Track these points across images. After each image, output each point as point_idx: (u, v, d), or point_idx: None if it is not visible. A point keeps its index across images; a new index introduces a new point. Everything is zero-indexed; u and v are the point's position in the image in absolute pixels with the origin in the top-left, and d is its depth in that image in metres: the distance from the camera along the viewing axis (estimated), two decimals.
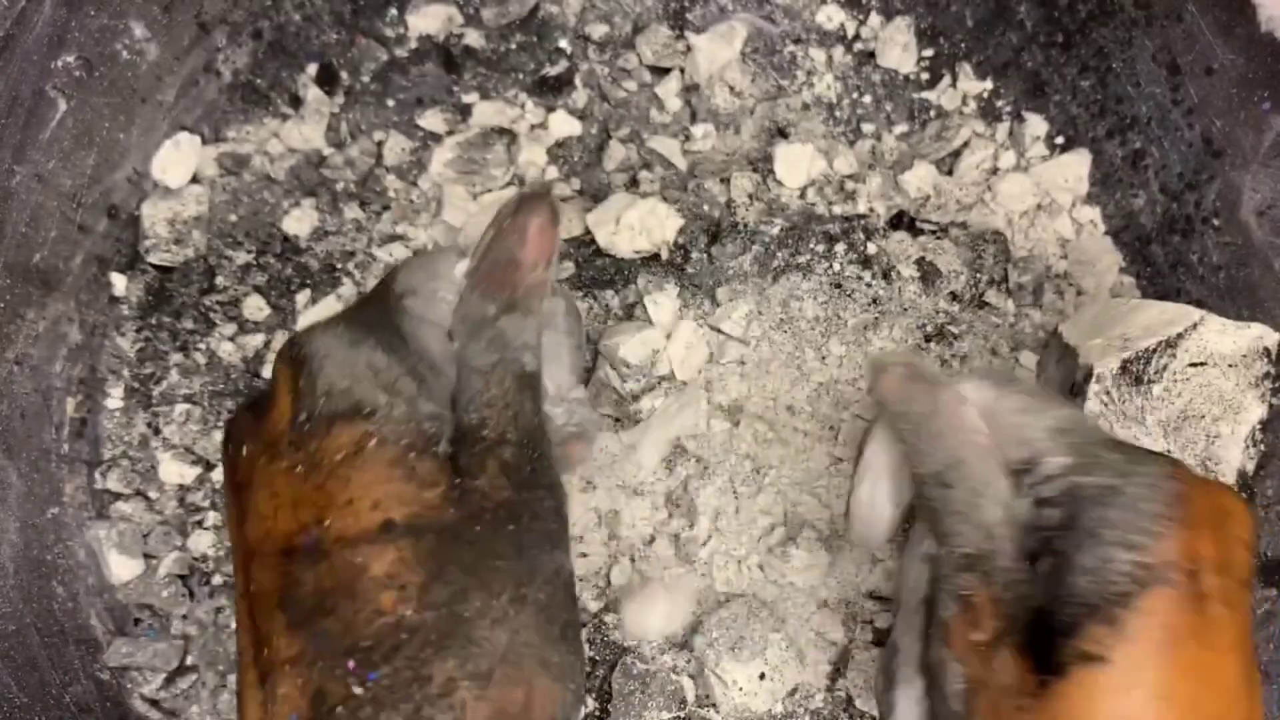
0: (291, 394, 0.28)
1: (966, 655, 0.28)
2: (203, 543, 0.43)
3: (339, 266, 0.46)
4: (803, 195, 0.46)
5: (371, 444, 0.27)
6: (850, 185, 0.46)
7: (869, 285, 0.45)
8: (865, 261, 0.45)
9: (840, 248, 0.45)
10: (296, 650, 0.25)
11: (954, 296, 0.45)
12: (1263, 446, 0.36)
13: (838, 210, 0.46)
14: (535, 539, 0.28)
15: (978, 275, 0.45)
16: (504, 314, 0.30)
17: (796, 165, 0.46)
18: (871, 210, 0.46)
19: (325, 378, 0.28)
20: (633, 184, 0.46)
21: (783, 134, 0.47)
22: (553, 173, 0.47)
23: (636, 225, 0.44)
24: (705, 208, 0.46)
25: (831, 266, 0.45)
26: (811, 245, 0.45)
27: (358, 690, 0.24)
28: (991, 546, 0.29)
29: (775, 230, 0.45)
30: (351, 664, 0.25)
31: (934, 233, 0.46)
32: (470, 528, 0.27)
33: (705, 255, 0.45)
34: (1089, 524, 0.27)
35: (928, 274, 0.44)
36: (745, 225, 0.45)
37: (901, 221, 0.46)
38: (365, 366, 0.28)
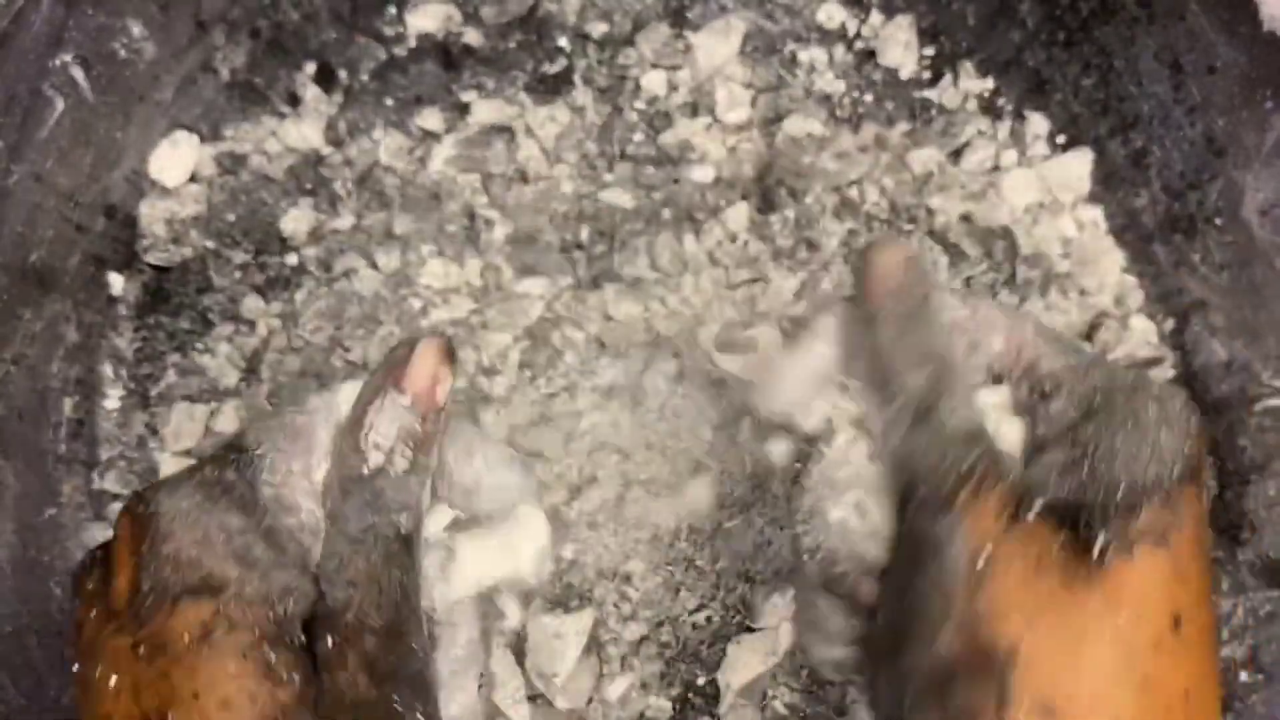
0: (134, 558, 0.25)
1: (984, 519, 0.25)
2: None
3: (337, 266, 0.45)
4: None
5: (220, 629, 0.24)
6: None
7: None
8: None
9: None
10: None
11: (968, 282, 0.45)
12: None
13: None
14: None
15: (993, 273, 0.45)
16: (382, 470, 0.28)
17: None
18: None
19: (172, 543, 0.25)
20: (637, 187, 0.46)
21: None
22: (562, 171, 0.47)
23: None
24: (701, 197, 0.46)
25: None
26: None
27: None
28: (982, 431, 0.27)
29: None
30: None
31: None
32: None
33: None
34: (1127, 413, 0.26)
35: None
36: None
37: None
38: (217, 530, 0.26)
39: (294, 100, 0.47)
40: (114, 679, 0.24)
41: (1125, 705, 0.23)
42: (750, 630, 0.41)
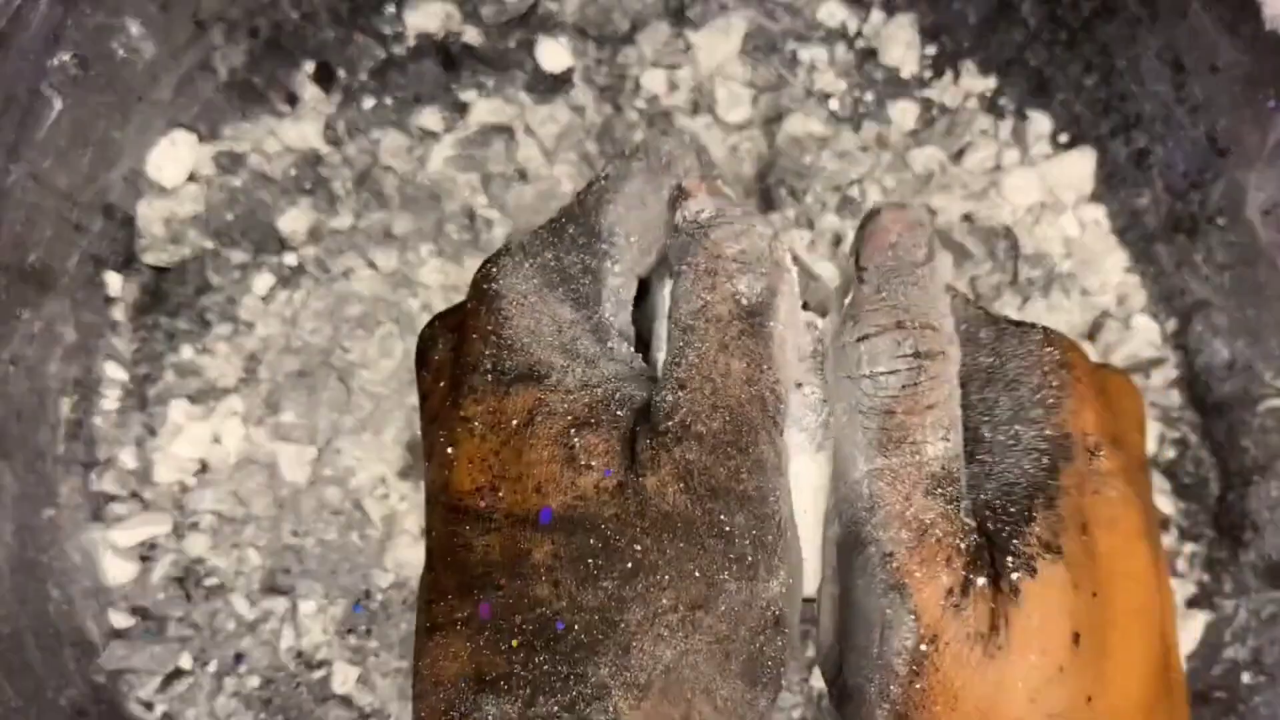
0: (479, 337, 0.25)
1: (931, 606, 0.22)
2: (199, 545, 0.43)
3: (336, 266, 0.45)
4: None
5: (540, 415, 0.23)
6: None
7: None
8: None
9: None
10: (466, 613, 0.23)
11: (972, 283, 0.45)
12: None
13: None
14: (718, 561, 0.23)
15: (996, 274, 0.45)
16: (719, 215, 0.24)
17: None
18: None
19: (510, 328, 0.24)
20: None
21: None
22: (562, 170, 0.46)
23: None
24: None
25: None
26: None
27: (520, 671, 0.22)
28: (961, 462, 0.24)
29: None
30: (515, 643, 0.22)
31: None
32: (628, 533, 0.22)
33: None
34: (1006, 400, 0.24)
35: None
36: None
37: None
38: (549, 321, 0.24)
39: (293, 100, 0.47)
40: (453, 449, 0.24)
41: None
42: None
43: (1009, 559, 0.23)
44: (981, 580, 0.22)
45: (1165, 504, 0.43)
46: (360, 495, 0.43)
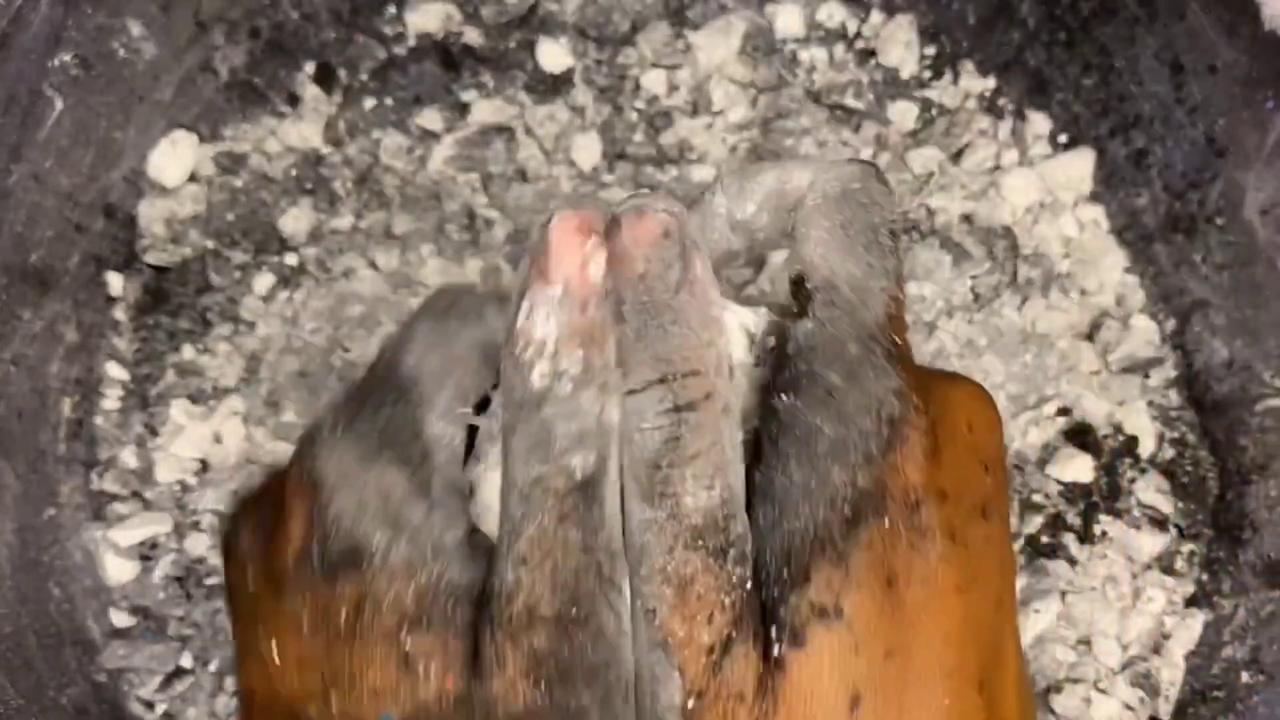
0: (299, 522, 0.23)
1: (692, 664, 0.21)
2: (200, 545, 0.43)
3: (337, 266, 0.45)
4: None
5: (368, 609, 0.22)
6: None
7: None
8: None
9: None
10: None
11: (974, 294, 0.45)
12: None
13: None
14: None
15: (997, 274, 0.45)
16: (548, 392, 0.22)
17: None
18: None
19: (332, 509, 0.23)
20: (637, 187, 0.46)
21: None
22: (561, 172, 0.46)
23: None
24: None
25: None
26: None
27: None
28: (732, 508, 0.22)
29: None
30: None
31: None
32: None
33: None
34: (803, 433, 0.22)
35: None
36: None
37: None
38: (374, 492, 0.23)
39: (293, 100, 0.47)
40: (279, 650, 0.23)
41: None
42: None
43: (774, 629, 0.21)
44: (744, 642, 0.21)
45: (1164, 503, 0.43)
46: None
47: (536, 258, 0.23)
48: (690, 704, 0.21)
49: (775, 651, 0.21)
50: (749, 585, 0.22)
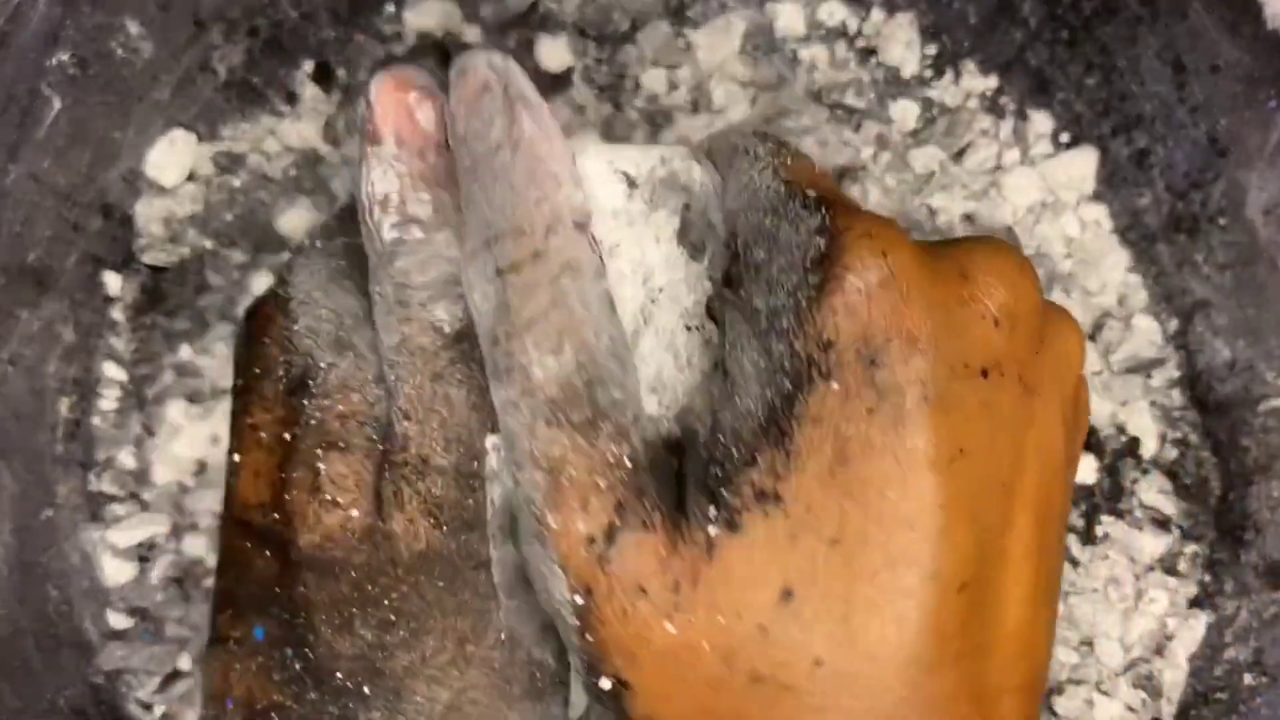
0: (269, 340, 0.23)
1: (572, 555, 0.20)
2: (198, 546, 0.43)
3: None
4: None
5: (300, 429, 0.22)
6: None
7: None
8: None
9: None
10: (241, 632, 0.22)
11: None
12: None
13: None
14: (482, 591, 0.22)
15: None
16: (397, 243, 0.22)
17: None
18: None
19: (296, 329, 0.23)
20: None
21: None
22: None
23: None
24: None
25: None
26: None
27: (292, 705, 0.21)
28: (595, 373, 0.20)
29: None
30: (287, 675, 0.21)
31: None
32: (382, 581, 0.21)
33: None
34: (745, 316, 0.20)
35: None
36: None
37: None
38: (329, 315, 0.23)
39: (292, 99, 0.47)
40: (239, 456, 0.23)
41: (736, 708, 0.20)
42: None
43: (710, 510, 0.20)
44: (634, 530, 0.19)
45: (1166, 504, 0.43)
46: None
47: (365, 123, 0.22)
48: (579, 600, 0.20)
49: (701, 540, 0.19)
50: (632, 465, 0.20)
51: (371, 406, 0.22)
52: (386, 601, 0.21)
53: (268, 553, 0.22)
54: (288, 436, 0.22)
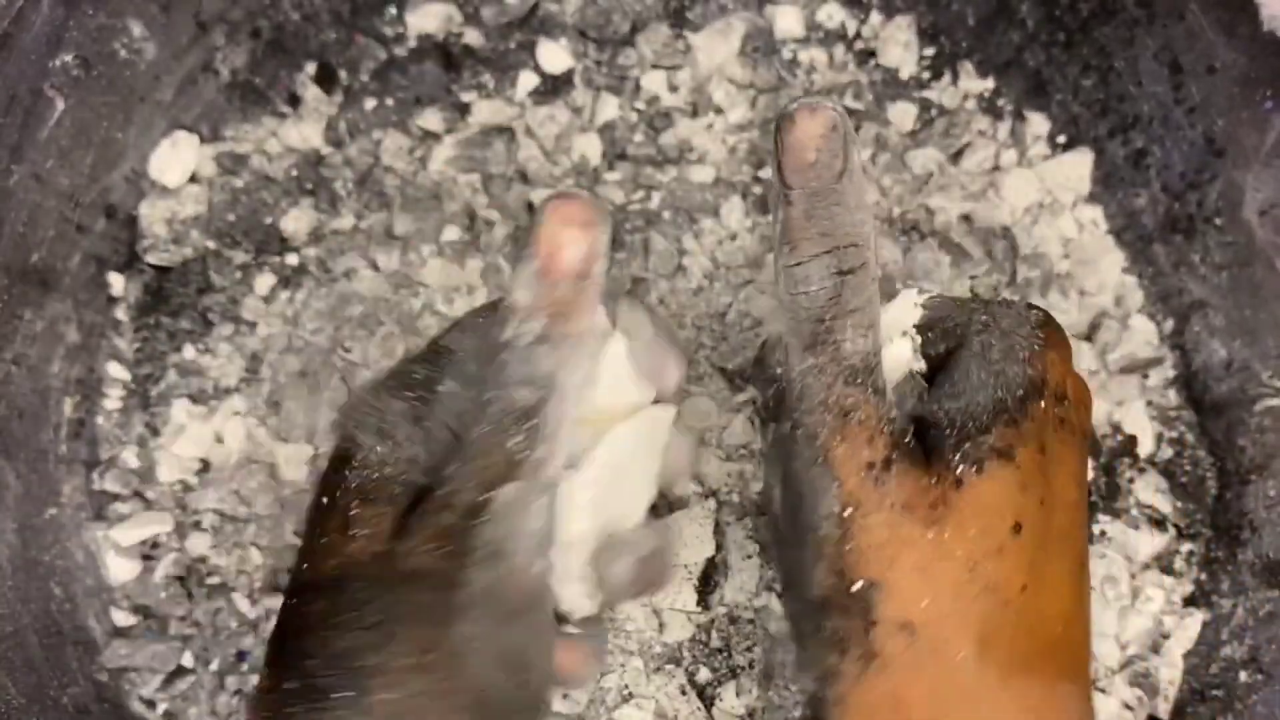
0: (336, 465, 0.29)
1: (851, 476, 0.26)
2: (201, 544, 0.43)
3: (337, 266, 0.45)
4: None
5: (340, 491, 0.27)
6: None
7: None
8: None
9: None
10: (271, 680, 0.27)
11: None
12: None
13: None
14: (451, 608, 0.26)
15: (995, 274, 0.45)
16: (513, 341, 0.27)
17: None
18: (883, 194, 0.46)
19: (352, 426, 0.29)
20: (636, 187, 0.46)
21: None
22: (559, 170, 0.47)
23: None
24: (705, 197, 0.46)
25: None
26: None
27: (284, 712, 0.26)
28: (879, 358, 0.27)
29: None
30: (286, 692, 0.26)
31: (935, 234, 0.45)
32: (373, 590, 0.26)
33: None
34: (978, 344, 0.29)
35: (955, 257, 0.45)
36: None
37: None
38: (376, 412, 0.28)
39: (294, 100, 0.47)
40: (305, 526, 0.29)
41: (971, 609, 0.26)
42: None
43: (957, 456, 0.26)
44: (905, 466, 0.26)
45: (1162, 503, 0.43)
46: None
47: (529, 233, 0.28)
48: (846, 512, 0.26)
49: (955, 473, 0.26)
50: (898, 421, 0.27)
51: (400, 475, 0.28)
52: (373, 608, 0.26)
53: (309, 597, 0.27)
54: (325, 500, 0.28)
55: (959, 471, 0.26)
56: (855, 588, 0.26)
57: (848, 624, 0.26)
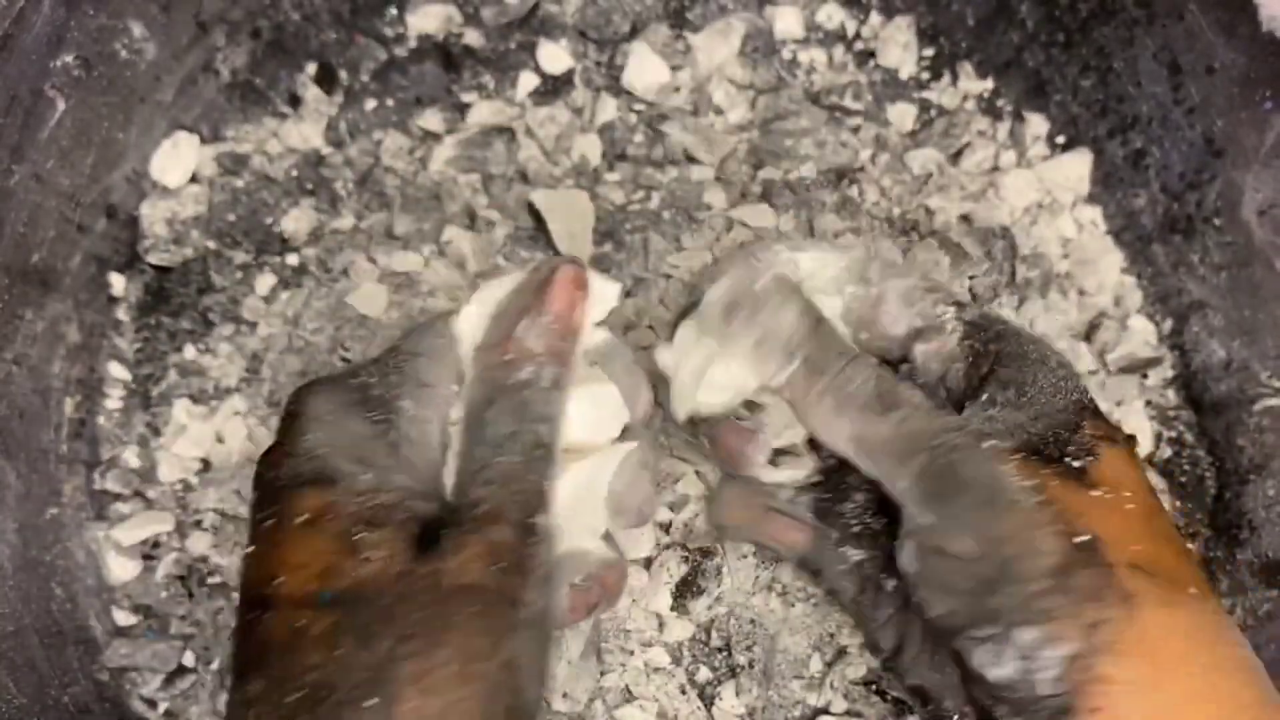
0: (281, 448, 0.30)
1: (1023, 473, 0.29)
2: (202, 543, 0.43)
3: (338, 266, 0.46)
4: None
5: (329, 515, 0.28)
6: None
7: None
8: None
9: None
10: (241, 695, 0.27)
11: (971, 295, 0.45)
12: None
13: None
14: (510, 622, 0.27)
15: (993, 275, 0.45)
16: (529, 382, 0.31)
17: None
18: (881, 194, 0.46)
19: (307, 441, 0.29)
20: (636, 187, 0.46)
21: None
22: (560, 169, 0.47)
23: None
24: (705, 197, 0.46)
25: None
26: None
27: None
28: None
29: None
30: (284, 712, 0.26)
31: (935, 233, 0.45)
32: (406, 606, 0.26)
33: None
34: (1025, 353, 0.32)
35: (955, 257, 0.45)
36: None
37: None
38: (346, 436, 0.29)
39: (295, 101, 0.47)
40: (251, 544, 0.29)
41: (1164, 551, 0.29)
42: None
43: (1070, 450, 0.30)
44: (1047, 457, 0.29)
45: (1162, 502, 0.43)
46: None
47: (540, 289, 0.32)
48: (1029, 483, 0.29)
49: (1070, 465, 0.29)
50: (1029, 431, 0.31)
51: (401, 501, 0.28)
52: (409, 621, 0.26)
53: (268, 614, 0.27)
54: (299, 520, 0.28)
55: (1078, 465, 0.29)
56: (1080, 539, 0.28)
57: (1092, 573, 0.27)
